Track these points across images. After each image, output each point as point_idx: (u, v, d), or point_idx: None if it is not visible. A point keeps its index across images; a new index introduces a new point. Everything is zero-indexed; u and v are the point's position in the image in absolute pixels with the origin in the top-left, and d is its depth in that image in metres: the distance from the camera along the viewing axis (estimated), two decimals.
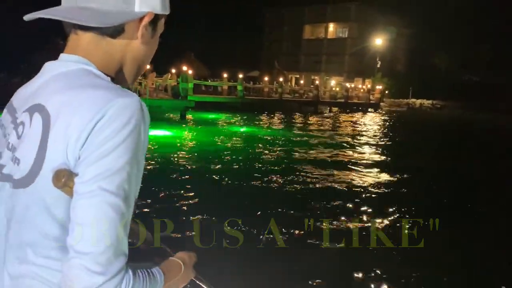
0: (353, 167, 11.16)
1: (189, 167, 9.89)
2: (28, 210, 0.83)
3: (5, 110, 0.95)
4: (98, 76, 0.87)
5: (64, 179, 0.78)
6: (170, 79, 24.30)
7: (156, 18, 0.94)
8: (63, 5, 0.89)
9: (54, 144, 0.80)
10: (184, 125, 19.19)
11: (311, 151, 13.57)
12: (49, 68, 0.90)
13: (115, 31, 0.89)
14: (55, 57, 0.93)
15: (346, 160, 12.35)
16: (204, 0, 66.37)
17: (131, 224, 0.85)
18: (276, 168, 10.48)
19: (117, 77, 0.93)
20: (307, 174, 9.76)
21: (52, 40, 22.35)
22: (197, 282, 1.06)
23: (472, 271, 5.06)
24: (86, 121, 0.78)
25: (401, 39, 62.66)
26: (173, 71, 26.64)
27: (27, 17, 0.88)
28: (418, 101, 55.58)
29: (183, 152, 12.09)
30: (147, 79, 22.21)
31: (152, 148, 12.23)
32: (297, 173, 9.83)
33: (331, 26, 63.32)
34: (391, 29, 58.10)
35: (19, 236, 0.84)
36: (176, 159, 10.77)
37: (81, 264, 0.72)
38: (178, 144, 13.51)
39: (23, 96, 0.92)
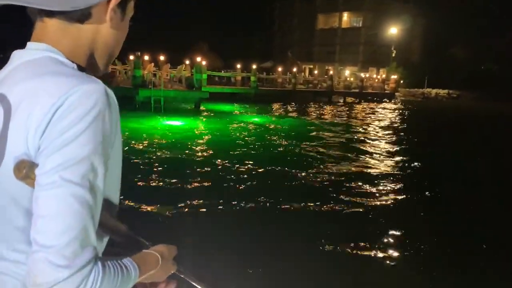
0: (367, 158, 11.13)
1: (202, 158, 9.96)
2: None
3: None
4: (63, 64, 0.83)
5: (25, 170, 0.74)
6: (184, 70, 24.36)
7: (124, 0, 0.90)
8: None
9: (15, 134, 0.77)
10: (198, 116, 19.29)
11: (324, 142, 13.54)
12: (16, 57, 0.87)
13: (82, 16, 0.85)
14: None
15: (360, 152, 12.30)
16: None
17: (106, 216, 0.83)
18: (288, 158, 10.50)
19: (88, 64, 0.90)
20: (323, 165, 9.77)
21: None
22: (180, 276, 1.03)
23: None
24: (46, 109, 0.74)
25: (417, 27, 61.66)
26: (187, 62, 26.68)
27: None
28: (434, 91, 54.86)
29: (196, 143, 12.17)
30: (162, 70, 22.32)
31: (168, 138, 12.35)
32: (313, 163, 9.84)
33: (345, 16, 62.58)
34: (406, 18, 57.20)
35: None
36: (189, 150, 10.85)
37: (45, 258, 0.69)
38: (192, 135, 13.59)
39: None
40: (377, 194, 7.45)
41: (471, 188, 8.49)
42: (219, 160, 9.57)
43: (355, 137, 15.08)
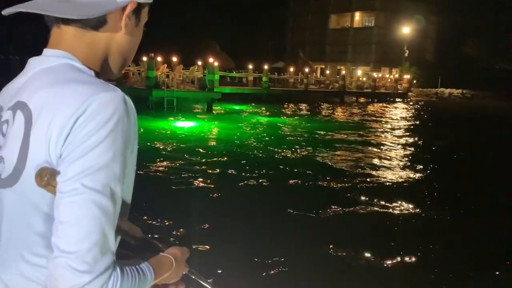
0: (380, 159, 11.08)
1: (212, 157, 10.02)
2: (18, 209, 0.82)
3: None
4: (81, 71, 0.85)
5: (47, 177, 0.76)
6: (196, 71, 24.52)
7: (139, 7, 0.92)
8: None
9: (36, 142, 0.78)
10: (210, 117, 19.39)
11: (337, 143, 13.51)
12: (33, 64, 0.88)
13: (98, 23, 0.86)
14: None
15: (372, 152, 12.24)
16: None
17: (121, 219, 0.84)
18: (300, 159, 10.51)
19: (102, 69, 0.91)
20: (335, 166, 9.76)
21: None
22: (191, 276, 1.05)
23: None
24: (67, 117, 0.76)
25: (430, 27, 61.05)
26: (199, 63, 26.84)
27: (6, 12, 0.85)
28: (447, 91, 54.22)
29: (208, 143, 12.26)
30: (175, 71, 22.49)
31: (181, 138, 12.46)
32: (325, 164, 9.84)
33: (357, 15, 62.24)
34: (419, 18, 56.67)
35: (13, 236, 0.83)
36: (200, 149, 10.92)
37: (66, 263, 0.71)
38: (204, 135, 13.69)
39: (8, 93, 0.90)
40: (389, 198, 7.40)
41: (488, 191, 8.40)
42: (229, 159, 9.62)
43: (368, 137, 15.01)
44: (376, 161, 10.53)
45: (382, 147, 12.93)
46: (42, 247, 0.80)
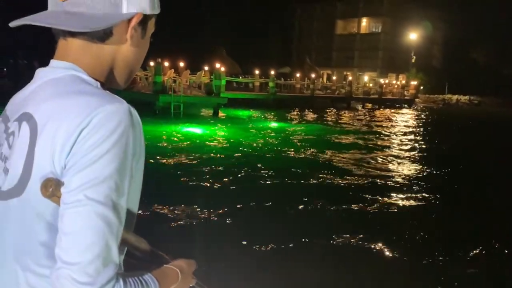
0: (385, 164, 11.03)
1: (218, 162, 10.02)
2: (24, 219, 0.82)
3: (0, 119, 0.94)
4: (86, 82, 0.85)
5: (52, 188, 0.76)
6: (203, 76, 24.63)
7: (145, 18, 0.91)
8: (50, 9, 0.87)
9: (41, 153, 0.78)
10: (217, 122, 19.42)
11: (343, 148, 13.47)
12: (40, 75, 0.89)
13: (104, 35, 0.86)
14: None
15: (378, 158, 12.19)
16: None
17: (126, 232, 0.84)
18: (306, 163, 10.48)
19: (109, 81, 0.92)
20: (341, 170, 9.71)
21: None
22: None
23: None
24: (71, 129, 0.76)
25: (437, 32, 60.92)
26: (206, 68, 26.96)
27: (13, 24, 0.85)
28: (455, 97, 54.01)
29: (214, 148, 12.26)
30: (181, 76, 22.60)
31: (187, 144, 12.48)
32: (331, 168, 9.80)
33: (364, 21, 62.30)
34: (426, 24, 56.59)
35: (19, 247, 0.83)
36: (206, 154, 10.93)
37: (68, 275, 0.71)
38: (210, 140, 13.70)
39: (15, 104, 0.90)
40: (395, 202, 7.36)
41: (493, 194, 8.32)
42: (236, 164, 9.60)
43: (374, 143, 14.95)
44: (383, 166, 10.47)
45: (389, 152, 12.86)
46: (47, 257, 0.80)
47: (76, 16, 0.83)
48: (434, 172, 10.44)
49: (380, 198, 7.45)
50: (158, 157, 9.96)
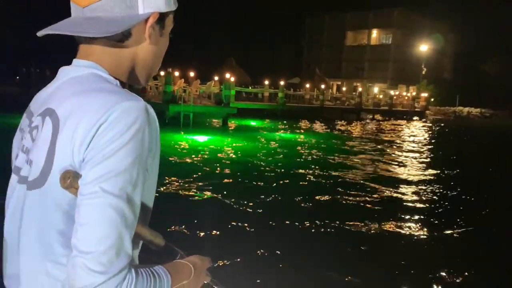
0: (396, 179, 10.88)
1: (226, 171, 9.97)
2: (45, 209, 0.85)
3: (24, 114, 0.99)
4: (107, 81, 0.89)
5: (70, 180, 0.80)
6: (213, 86, 24.73)
7: (162, 16, 0.94)
8: (72, 16, 0.91)
9: (62, 147, 0.82)
10: (226, 132, 19.42)
11: (352, 160, 13.35)
12: (63, 73, 0.93)
13: (123, 36, 0.90)
14: None
15: (389, 173, 12.05)
16: (245, 6, 67.17)
17: (142, 226, 0.87)
18: (315, 175, 10.38)
19: (130, 79, 0.96)
20: (351, 183, 9.59)
21: None
22: (213, 286, 1.05)
23: None
24: (90, 124, 0.80)
25: (448, 44, 60.70)
26: (216, 78, 27.10)
27: (40, 33, 0.90)
28: (466, 109, 53.61)
29: (222, 158, 12.21)
30: (192, 86, 22.71)
31: (196, 152, 12.45)
32: (340, 181, 9.69)
33: (374, 32, 62.33)
34: (437, 36, 56.44)
35: (38, 235, 0.86)
36: (215, 163, 10.89)
37: (83, 263, 0.74)
38: (219, 150, 13.66)
39: (39, 100, 0.95)
40: (408, 226, 7.22)
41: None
42: (245, 174, 9.55)
43: (384, 156, 14.79)
44: (393, 177, 10.32)
45: (399, 164, 12.71)
46: (64, 246, 0.83)
47: (96, 22, 0.87)
48: (452, 193, 10.26)
49: (389, 215, 7.33)
50: (167, 166, 9.94)
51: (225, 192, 7.88)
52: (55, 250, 0.85)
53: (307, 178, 9.85)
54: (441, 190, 9.72)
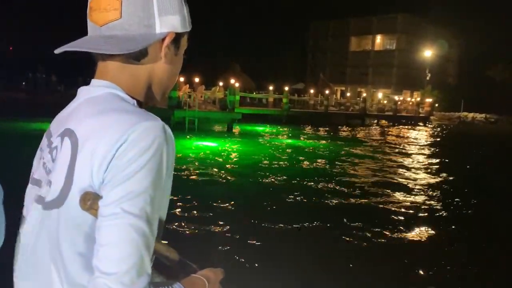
0: (400, 186, 10.85)
1: (231, 177, 9.98)
2: (63, 230, 0.85)
3: (44, 135, 1.00)
4: (124, 100, 0.90)
5: (90, 202, 0.79)
6: (218, 92, 24.82)
7: (178, 36, 0.95)
8: (89, 34, 0.92)
9: (81, 168, 0.82)
10: (231, 137, 19.44)
11: (357, 166, 13.33)
12: (82, 93, 0.94)
13: (140, 55, 0.91)
14: None
15: (395, 179, 12.02)
16: (250, 13, 67.41)
17: (156, 241, 0.87)
18: (319, 181, 10.38)
19: (146, 97, 0.97)
20: (355, 189, 9.59)
21: None
22: None
23: None
24: (110, 145, 0.80)
25: (452, 50, 60.65)
26: (221, 84, 27.20)
27: (57, 51, 0.91)
28: (470, 115, 53.41)
29: (227, 163, 12.23)
30: (196, 92, 22.80)
31: (201, 158, 12.48)
32: (345, 186, 9.68)
33: (378, 38, 62.40)
34: (441, 41, 56.41)
35: (56, 256, 0.86)
36: (219, 169, 10.91)
37: (105, 284, 0.74)
38: (224, 155, 13.68)
39: (59, 120, 0.96)
40: (406, 225, 7.21)
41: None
42: (250, 179, 9.56)
43: (389, 161, 14.77)
44: (397, 183, 10.30)
45: (404, 169, 12.68)
46: (83, 267, 0.83)
47: (113, 39, 0.88)
48: (456, 198, 10.22)
49: (393, 224, 7.31)
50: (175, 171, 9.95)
51: (230, 197, 7.91)
52: (73, 271, 0.84)
53: (312, 183, 9.86)
54: (445, 195, 9.71)
